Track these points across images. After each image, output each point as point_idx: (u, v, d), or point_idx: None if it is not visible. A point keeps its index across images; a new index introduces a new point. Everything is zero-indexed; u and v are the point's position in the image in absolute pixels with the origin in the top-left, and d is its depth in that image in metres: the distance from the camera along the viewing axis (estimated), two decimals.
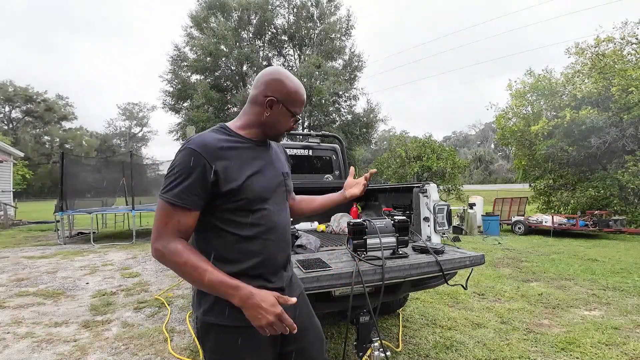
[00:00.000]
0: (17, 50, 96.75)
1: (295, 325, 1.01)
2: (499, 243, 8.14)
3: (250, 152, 1.10)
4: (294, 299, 1.04)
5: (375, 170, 1.57)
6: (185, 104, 20.57)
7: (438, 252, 2.19)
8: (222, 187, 1.01)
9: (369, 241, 2.03)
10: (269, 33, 20.80)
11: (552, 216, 9.47)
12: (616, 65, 11.07)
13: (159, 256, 0.99)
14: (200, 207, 1.02)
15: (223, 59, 19.82)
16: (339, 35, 20.96)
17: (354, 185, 1.49)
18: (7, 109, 48.88)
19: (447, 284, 2.27)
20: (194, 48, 19.69)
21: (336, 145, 4.89)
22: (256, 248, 1.08)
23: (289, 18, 20.96)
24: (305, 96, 1.16)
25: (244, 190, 1.04)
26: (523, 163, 13.83)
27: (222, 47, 19.11)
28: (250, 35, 20.71)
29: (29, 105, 48.89)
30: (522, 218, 10.25)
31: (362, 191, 1.48)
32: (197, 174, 0.98)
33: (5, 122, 49.04)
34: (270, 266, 1.12)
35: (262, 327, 0.98)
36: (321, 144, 4.80)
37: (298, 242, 2.41)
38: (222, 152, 1.03)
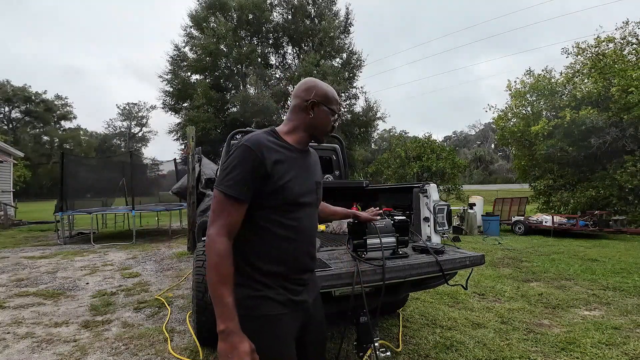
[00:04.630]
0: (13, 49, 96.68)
1: None
2: (499, 243, 8.14)
3: (293, 157, 1.20)
4: None
5: (381, 211, 1.92)
6: (185, 104, 20.52)
7: (438, 252, 2.19)
8: (267, 184, 1.11)
9: (369, 241, 2.02)
10: (268, 32, 20.76)
11: (552, 216, 9.47)
12: (616, 65, 11.07)
13: (208, 241, 1.07)
14: (249, 199, 1.10)
15: (223, 59, 19.79)
16: (337, 33, 20.90)
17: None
18: (6, 109, 48.87)
19: (447, 284, 2.27)
20: (194, 48, 19.64)
21: (336, 145, 4.89)
22: (288, 248, 1.16)
23: (287, 17, 20.92)
24: (337, 96, 1.29)
25: (284, 191, 1.13)
26: (523, 163, 13.83)
27: (222, 47, 19.08)
28: (249, 34, 20.67)
29: (28, 105, 48.87)
30: (522, 218, 10.24)
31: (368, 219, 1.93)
32: (249, 167, 1.08)
33: (5, 122, 49.03)
34: (298, 267, 1.20)
35: None
36: (321, 144, 4.79)
37: None
38: (272, 152, 1.13)
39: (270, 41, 21.18)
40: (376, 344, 1.96)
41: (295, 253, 1.18)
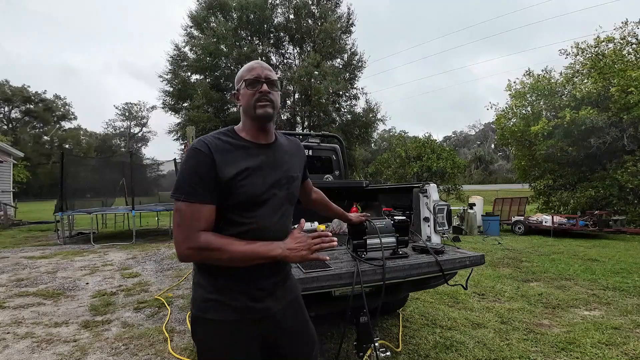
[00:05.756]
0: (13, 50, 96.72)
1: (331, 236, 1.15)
2: (499, 243, 8.14)
3: (247, 153, 1.14)
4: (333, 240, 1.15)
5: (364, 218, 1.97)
6: (185, 104, 20.53)
7: (438, 252, 2.19)
8: (219, 183, 1.06)
9: (369, 241, 2.03)
10: (269, 32, 20.75)
11: (552, 216, 9.47)
12: (615, 65, 11.08)
13: (190, 255, 1.04)
14: (210, 199, 1.06)
15: (223, 59, 19.79)
16: (339, 34, 20.88)
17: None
18: (6, 109, 48.86)
19: (447, 284, 2.27)
20: (194, 48, 19.65)
21: (336, 145, 4.89)
22: None
23: (288, 16, 20.92)
24: (254, 65, 1.19)
25: (235, 189, 1.08)
26: (523, 163, 13.83)
27: (222, 47, 19.09)
28: (249, 34, 20.67)
29: (27, 105, 48.87)
30: (522, 218, 10.24)
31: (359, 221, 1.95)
32: (200, 168, 1.06)
33: (5, 122, 49.03)
34: (258, 270, 1.12)
35: (306, 256, 1.10)
36: (321, 144, 4.80)
37: None
38: (219, 151, 1.09)
39: (271, 41, 21.17)
40: (376, 344, 1.96)
41: None
